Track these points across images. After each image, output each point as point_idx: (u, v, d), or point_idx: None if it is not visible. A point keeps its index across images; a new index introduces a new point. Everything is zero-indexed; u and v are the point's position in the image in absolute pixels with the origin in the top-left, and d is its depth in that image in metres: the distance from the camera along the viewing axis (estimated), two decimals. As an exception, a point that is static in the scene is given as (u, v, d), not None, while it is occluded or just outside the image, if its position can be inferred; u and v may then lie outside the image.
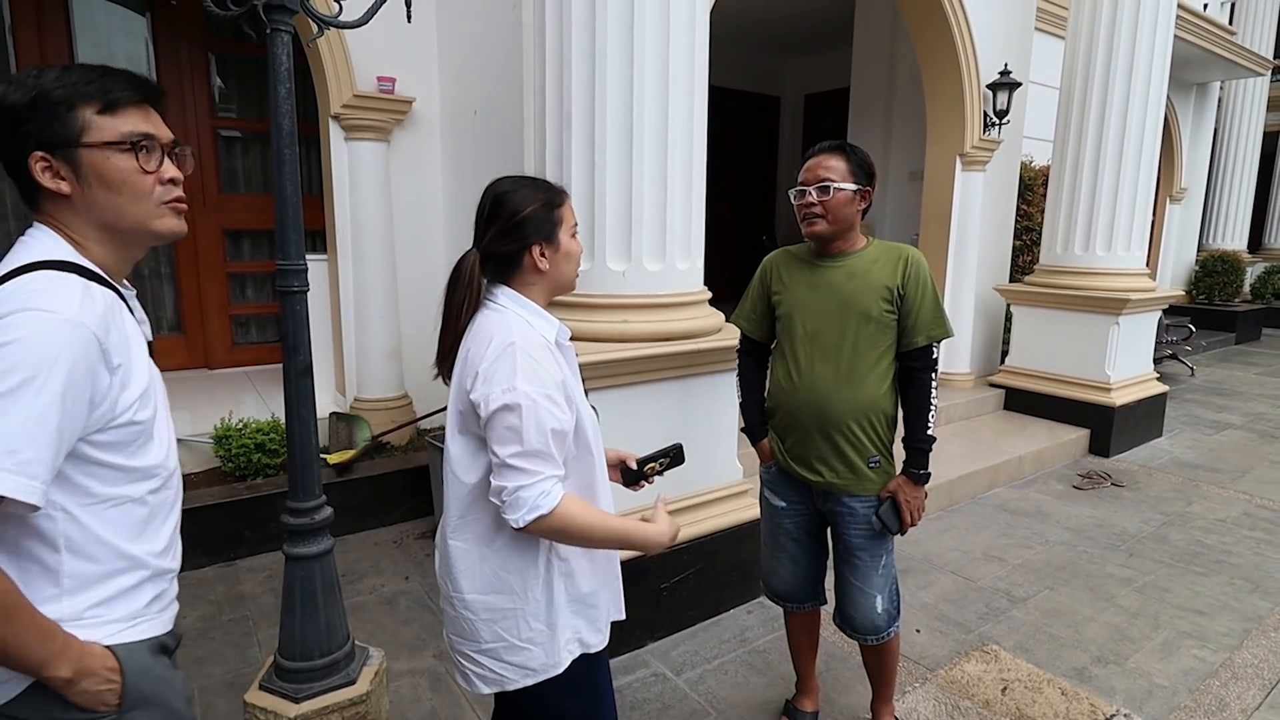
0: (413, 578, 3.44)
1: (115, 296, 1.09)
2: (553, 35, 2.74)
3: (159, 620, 1.18)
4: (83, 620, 1.07)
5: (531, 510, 1.32)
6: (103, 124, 1.07)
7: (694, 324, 2.88)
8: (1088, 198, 5.41)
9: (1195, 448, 5.77)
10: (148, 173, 1.10)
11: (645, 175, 2.74)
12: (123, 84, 1.10)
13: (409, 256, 4.51)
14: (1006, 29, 5.92)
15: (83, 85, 1.06)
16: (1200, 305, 10.92)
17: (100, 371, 1.01)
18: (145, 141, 1.09)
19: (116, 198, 1.09)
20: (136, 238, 1.15)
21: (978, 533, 4.09)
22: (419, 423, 4.42)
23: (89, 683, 1.04)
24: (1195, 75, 9.73)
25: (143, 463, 1.11)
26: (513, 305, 1.45)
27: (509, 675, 1.46)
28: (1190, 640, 3.06)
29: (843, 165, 2.05)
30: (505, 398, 1.32)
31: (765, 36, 8.98)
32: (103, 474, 1.06)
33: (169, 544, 1.19)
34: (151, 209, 1.12)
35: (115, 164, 1.08)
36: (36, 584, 1.04)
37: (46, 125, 1.05)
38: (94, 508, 1.06)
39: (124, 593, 1.11)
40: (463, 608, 1.46)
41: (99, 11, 4.65)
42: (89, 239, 1.11)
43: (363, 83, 4.11)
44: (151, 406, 1.12)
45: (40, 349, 0.95)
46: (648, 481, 1.71)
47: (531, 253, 1.45)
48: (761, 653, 2.91)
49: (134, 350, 1.09)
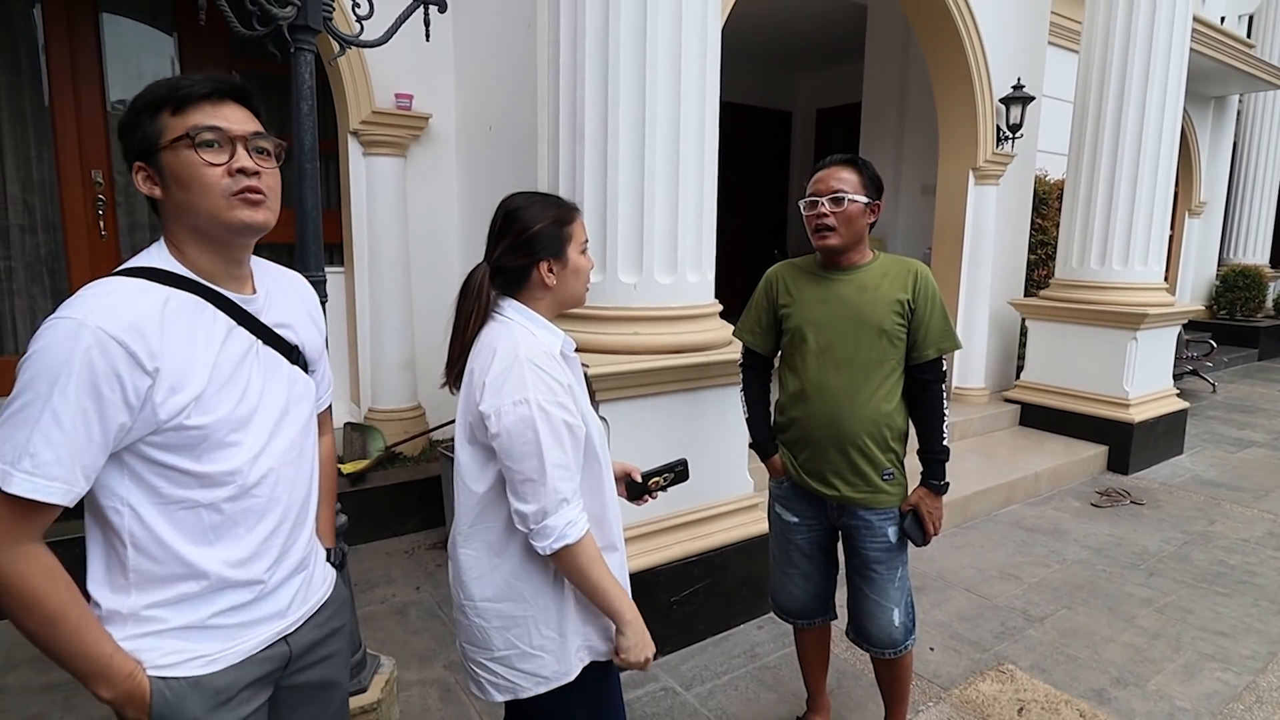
0: (424, 588, 3.45)
1: (196, 300, 1.10)
2: (566, 53, 2.78)
3: (232, 636, 1.15)
4: (142, 617, 1.09)
5: (559, 540, 1.35)
6: (174, 123, 1.08)
7: (704, 336, 2.89)
8: (1103, 211, 5.38)
9: (1217, 465, 5.68)
10: (213, 165, 1.08)
11: (657, 189, 2.77)
12: (195, 82, 1.10)
13: (424, 270, 4.56)
14: (1019, 43, 5.92)
15: (160, 90, 1.08)
16: (1222, 321, 10.77)
17: (126, 371, 1.00)
18: (208, 134, 1.08)
19: (188, 193, 1.08)
20: (216, 234, 1.12)
21: (993, 550, 4.05)
22: (432, 433, 4.45)
23: (129, 711, 1.07)
24: (1213, 88, 9.67)
25: (211, 469, 1.10)
26: (519, 318, 1.47)
27: (522, 683, 1.47)
28: (1213, 662, 3.01)
29: (854, 177, 2.06)
30: (518, 410, 1.34)
31: (777, 53, 9.03)
32: (170, 475, 1.08)
33: (254, 554, 1.16)
34: (219, 201, 1.09)
35: (182, 159, 1.07)
36: (113, 571, 1.09)
37: (138, 135, 1.09)
38: (163, 508, 1.08)
39: (186, 599, 1.11)
40: (475, 615, 1.47)
41: (128, 31, 4.76)
42: (187, 243, 1.13)
43: (381, 100, 4.17)
44: (217, 413, 1.09)
45: (53, 355, 0.97)
46: (651, 496, 1.72)
47: (540, 268, 1.47)
48: (772, 669, 2.89)
49: (198, 355, 1.08)
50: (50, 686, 2.65)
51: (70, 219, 4.63)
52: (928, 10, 5.49)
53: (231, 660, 1.15)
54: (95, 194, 4.68)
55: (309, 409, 1.29)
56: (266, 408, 1.17)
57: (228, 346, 1.12)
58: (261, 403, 1.16)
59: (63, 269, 4.66)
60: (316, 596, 1.32)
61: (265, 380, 1.17)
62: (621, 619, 1.46)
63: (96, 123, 4.65)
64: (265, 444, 1.16)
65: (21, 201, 4.55)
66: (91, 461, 1.01)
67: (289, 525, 1.22)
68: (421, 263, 4.54)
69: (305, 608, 1.28)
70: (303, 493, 1.27)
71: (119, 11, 4.71)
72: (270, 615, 1.20)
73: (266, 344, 1.20)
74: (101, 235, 4.74)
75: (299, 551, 1.26)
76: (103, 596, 1.09)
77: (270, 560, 1.19)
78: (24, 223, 4.58)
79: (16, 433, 0.96)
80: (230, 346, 1.13)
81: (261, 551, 1.17)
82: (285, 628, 1.23)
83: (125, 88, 4.78)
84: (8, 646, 2.89)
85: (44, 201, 4.61)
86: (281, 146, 1.18)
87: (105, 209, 4.73)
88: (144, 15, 4.79)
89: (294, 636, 1.25)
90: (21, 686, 2.65)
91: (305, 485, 1.28)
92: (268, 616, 1.20)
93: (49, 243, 4.64)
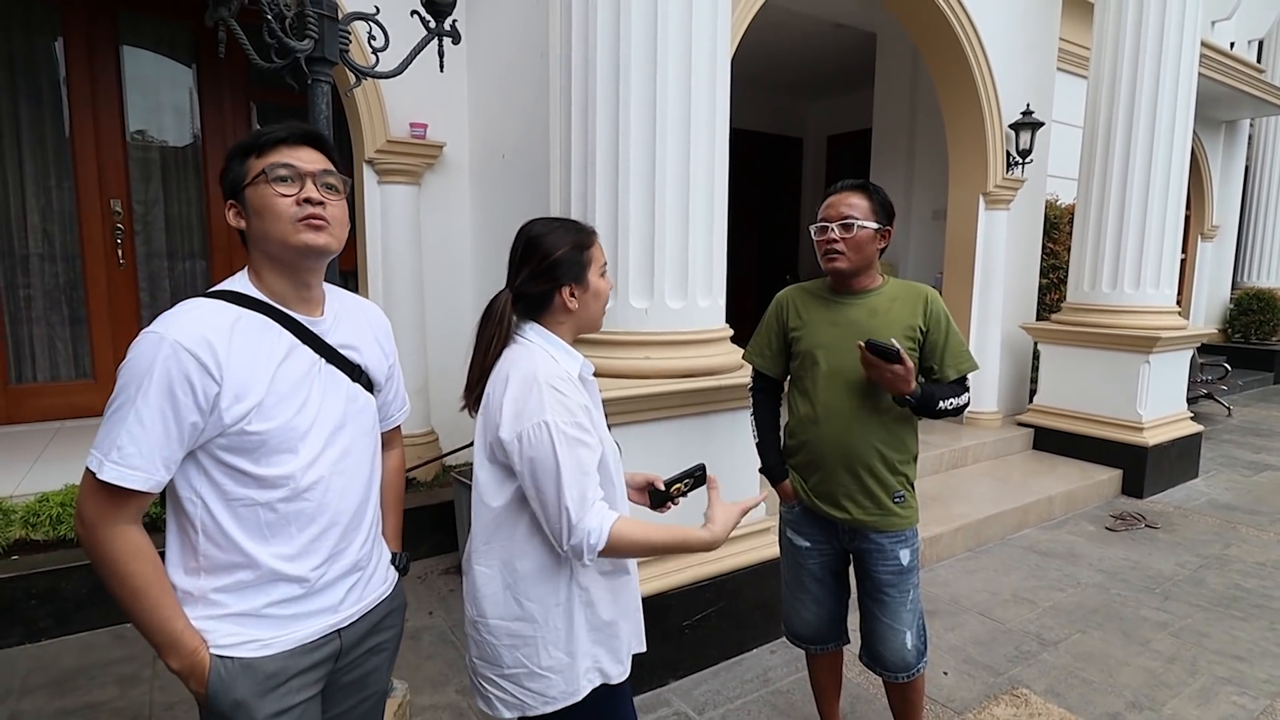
0: (436, 613, 3.45)
1: (264, 320, 1.25)
2: (578, 82, 2.83)
3: (283, 625, 1.27)
4: (209, 600, 1.24)
5: (590, 551, 1.38)
6: (255, 164, 1.25)
7: (715, 360, 2.91)
8: (1114, 235, 5.38)
9: (1233, 489, 5.63)
10: (284, 196, 1.23)
11: (668, 214, 2.80)
12: (275, 130, 1.27)
13: (437, 297, 4.60)
14: (1027, 69, 5.97)
15: (248, 139, 1.26)
16: (1236, 344, 10.70)
17: (197, 378, 1.14)
18: (281, 170, 1.23)
19: (263, 221, 1.24)
20: (287, 257, 1.27)
21: (1007, 574, 4.02)
22: (445, 459, 4.46)
23: (193, 683, 1.22)
24: (1224, 113, 9.70)
25: (268, 472, 1.23)
26: (539, 341, 1.51)
27: (530, 701, 1.49)
28: (1230, 687, 2.97)
29: (865, 203, 2.08)
30: (537, 433, 1.37)
31: (787, 80, 9.13)
32: (233, 475, 1.22)
33: (301, 553, 1.28)
34: (288, 226, 1.23)
35: (260, 193, 1.24)
36: (187, 555, 1.24)
37: (229, 177, 1.26)
38: (228, 503, 1.22)
39: (243, 587, 1.24)
40: (486, 632, 1.50)
41: (148, 64, 4.88)
42: (265, 269, 1.28)
43: (396, 129, 4.25)
44: (276, 422, 1.22)
45: (139, 364, 1.14)
46: (673, 503, 1.74)
47: (562, 293, 1.51)
48: (785, 693, 2.87)
49: (259, 368, 1.21)
50: (66, 711, 2.67)
51: (89, 248, 4.72)
52: (936, 37, 5.55)
53: (283, 647, 1.27)
54: (114, 223, 4.77)
55: (367, 424, 1.40)
56: (323, 420, 1.29)
57: (289, 362, 1.25)
58: (319, 416, 1.28)
59: (81, 297, 4.74)
60: (373, 595, 1.43)
61: (325, 395, 1.30)
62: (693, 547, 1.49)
63: (116, 152, 4.75)
64: (319, 454, 1.28)
65: (41, 230, 4.65)
66: (170, 454, 1.16)
67: (339, 530, 1.33)
68: (435, 290, 4.58)
69: (359, 605, 1.39)
70: (354, 501, 1.36)
71: (139, 44, 4.84)
72: (322, 610, 1.32)
73: (330, 362, 1.32)
74: (120, 264, 4.81)
75: (352, 555, 1.36)
76: (178, 578, 1.24)
77: (318, 560, 1.30)
78: (43, 251, 4.67)
79: (111, 430, 1.14)
80: (291, 363, 1.26)
81: (309, 550, 1.29)
82: (337, 622, 1.34)
83: (145, 118, 4.89)
84: (24, 672, 2.90)
85: (63, 230, 4.69)
86: (348, 183, 1.32)
87: (124, 238, 4.81)
88: (164, 47, 4.92)
89: (346, 631, 1.36)
90: (37, 711, 2.67)
91: (359, 494, 1.37)
92: (319, 611, 1.31)
93: (68, 271, 4.72)
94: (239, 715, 1.24)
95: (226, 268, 5.10)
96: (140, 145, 4.88)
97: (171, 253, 5.04)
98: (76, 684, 2.84)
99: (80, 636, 3.17)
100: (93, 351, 4.79)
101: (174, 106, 4.98)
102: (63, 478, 3.48)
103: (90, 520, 1.16)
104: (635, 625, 1.64)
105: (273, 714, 1.26)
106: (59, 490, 3.35)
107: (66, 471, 3.62)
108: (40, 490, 3.41)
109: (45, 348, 4.71)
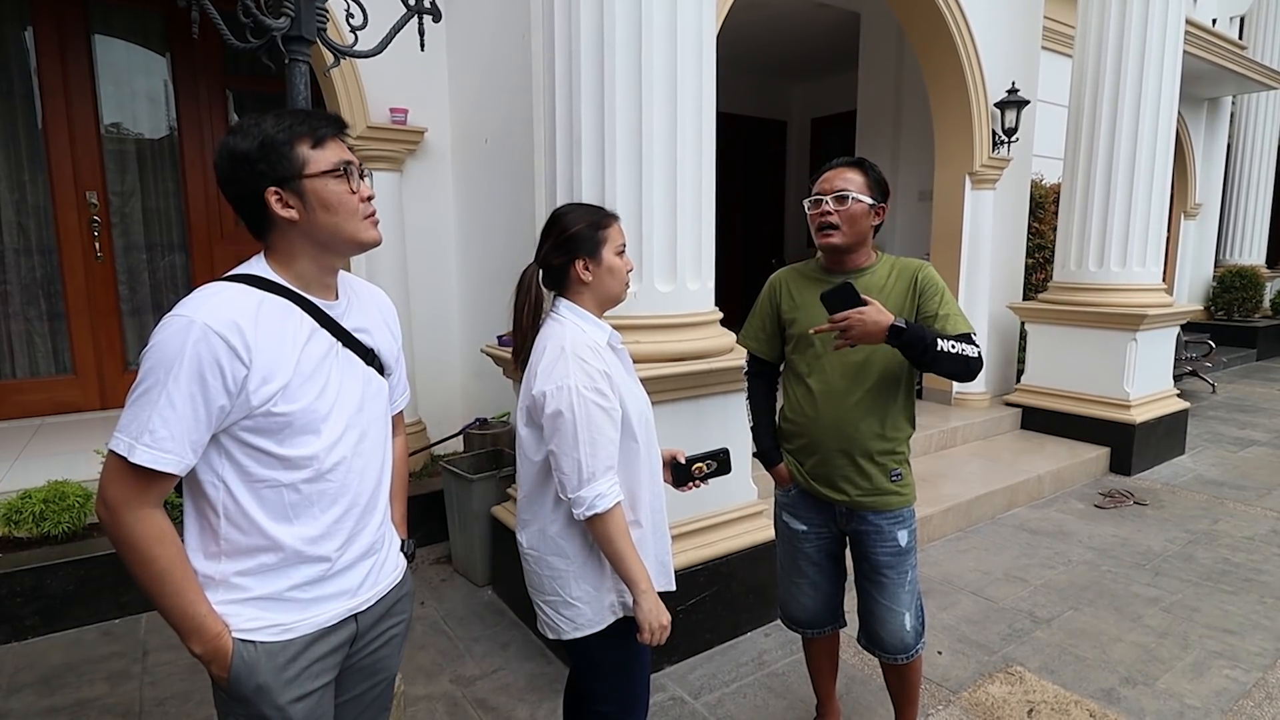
0: (428, 603, 3.42)
1: (286, 303, 1.26)
2: (561, 63, 2.79)
3: (305, 609, 1.29)
4: (231, 584, 1.25)
5: (589, 509, 1.58)
6: (317, 157, 1.25)
7: (706, 344, 2.89)
8: (1100, 214, 5.39)
9: (1219, 465, 5.68)
10: (354, 193, 1.28)
11: (655, 198, 2.77)
12: (324, 122, 1.29)
13: (422, 285, 4.54)
14: (1012, 48, 5.95)
15: (298, 126, 1.25)
16: (1220, 321, 10.78)
17: (226, 361, 1.15)
18: (349, 167, 1.28)
19: (334, 217, 1.26)
20: (346, 249, 1.32)
21: (998, 553, 4.03)
22: (433, 448, 4.43)
23: (215, 667, 1.23)
24: (1206, 90, 9.72)
25: (294, 453, 1.24)
26: (570, 315, 1.71)
27: (563, 625, 1.72)
28: (1221, 660, 2.99)
29: (860, 178, 2.05)
30: (559, 394, 1.57)
31: (771, 63, 9.07)
32: (258, 456, 1.23)
33: (326, 533, 1.30)
34: (359, 223, 1.29)
35: (332, 189, 1.26)
36: (206, 539, 1.25)
37: (276, 164, 1.23)
38: (251, 485, 1.24)
39: (266, 570, 1.26)
40: (532, 563, 1.74)
41: (120, 52, 4.77)
42: (304, 256, 1.29)
43: (376, 114, 4.18)
44: (300, 403, 1.24)
45: (169, 348, 1.13)
46: (695, 483, 1.90)
47: (576, 265, 1.69)
48: (780, 676, 2.87)
49: (285, 351, 1.22)
50: (55, 709, 2.63)
51: (65, 241, 4.62)
52: (921, 17, 5.52)
53: (304, 631, 1.29)
54: (90, 215, 4.68)
55: (382, 407, 1.44)
56: (343, 403, 1.32)
57: (310, 345, 1.27)
58: (339, 398, 1.31)
59: (58, 291, 4.66)
60: (386, 581, 1.45)
61: (343, 378, 1.32)
62: (636, 588, 1.64)
63: (90, 144, 4.65)
64: (340, 435, 1.30)
65: (16, 224, 4.55)
66: (199, 438, 1.17)
67: (359, 511, 1.36)
68: (419, 278, 4.52)
69: (374, 590, 1.41)
70: (372, 483, 1.39)
71: (111, 33, 4.73)
72: (340, 593, 1.34)
73: (345, 346, 1.35)
74: (98, 256, 4.73)
75: (369, 536, 1.39)
76: (199, 563, 1.25)
77: (339, 541, 1.33)
78: (19, 246, 4.58)
79: (140, 413, 1.14)
80: (313, 345, 1.28)
81: (332, 532, 1.31)
82: (355, 606, 1.37)
83: (118, 109, 4.79)
84: (12, 670, 2.86)
85: (39, 224, 4.60)
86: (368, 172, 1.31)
87: (101, 230, 4.72)
88: (136, 36, 4.81)
89: (363, 616, 1.39)
90: (26, 709, 2.63)
91: (375, 476, 1.41)
92: (338, 594, 1.34)
93: (44, 265, 4.63)
94: (261, 699, 1.25)
95: (206, 259, 5.02)
96: (115, 137, 4.78)
97: (150, 245, 4.95)
98: (65, 681, 2.80)
99: (68, 633, 3.13)
100: (72, 346, 4.70)
101: (148, 96, 4.88)
102: (45, 474, 3.43)
103: (115, 504, 1.16)
104: (665, 567, 1.83)
105: (294, 699, 1.28)
106: (41, 487, 3.30)
107: (49, 468, 3.56)
108: (22, 487, 3.35)
109: (24, 343, 4.62)
